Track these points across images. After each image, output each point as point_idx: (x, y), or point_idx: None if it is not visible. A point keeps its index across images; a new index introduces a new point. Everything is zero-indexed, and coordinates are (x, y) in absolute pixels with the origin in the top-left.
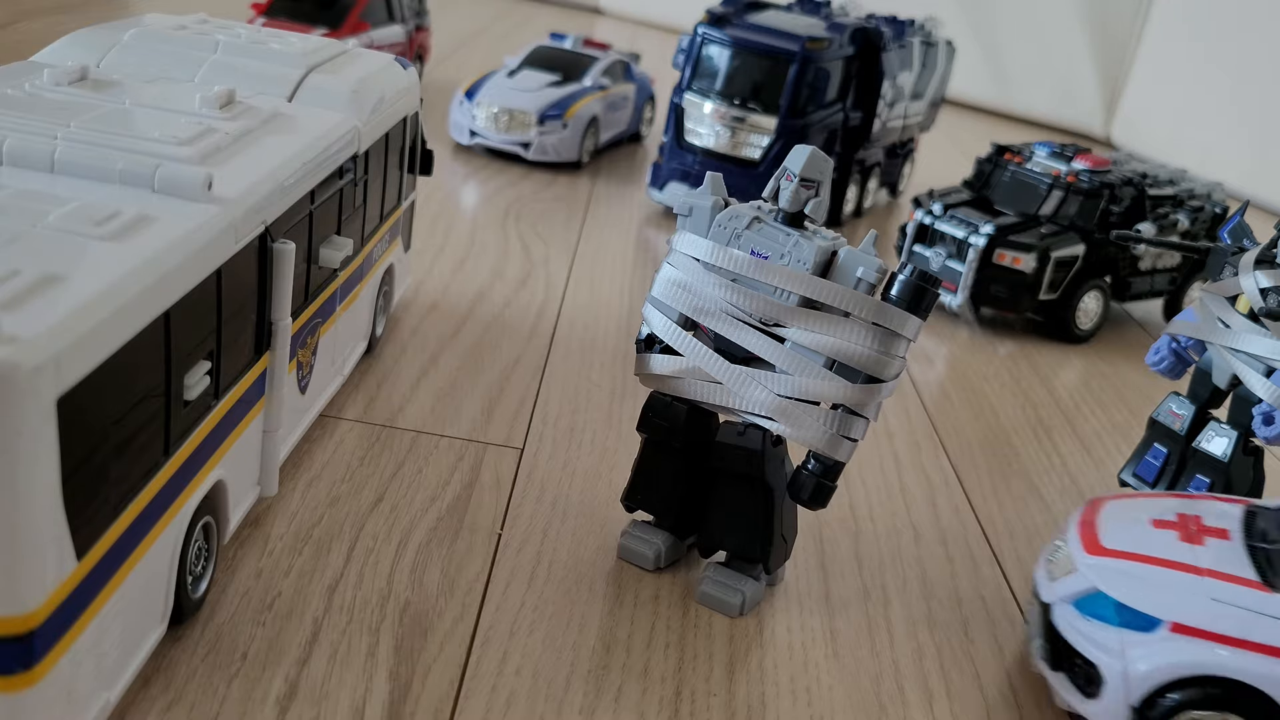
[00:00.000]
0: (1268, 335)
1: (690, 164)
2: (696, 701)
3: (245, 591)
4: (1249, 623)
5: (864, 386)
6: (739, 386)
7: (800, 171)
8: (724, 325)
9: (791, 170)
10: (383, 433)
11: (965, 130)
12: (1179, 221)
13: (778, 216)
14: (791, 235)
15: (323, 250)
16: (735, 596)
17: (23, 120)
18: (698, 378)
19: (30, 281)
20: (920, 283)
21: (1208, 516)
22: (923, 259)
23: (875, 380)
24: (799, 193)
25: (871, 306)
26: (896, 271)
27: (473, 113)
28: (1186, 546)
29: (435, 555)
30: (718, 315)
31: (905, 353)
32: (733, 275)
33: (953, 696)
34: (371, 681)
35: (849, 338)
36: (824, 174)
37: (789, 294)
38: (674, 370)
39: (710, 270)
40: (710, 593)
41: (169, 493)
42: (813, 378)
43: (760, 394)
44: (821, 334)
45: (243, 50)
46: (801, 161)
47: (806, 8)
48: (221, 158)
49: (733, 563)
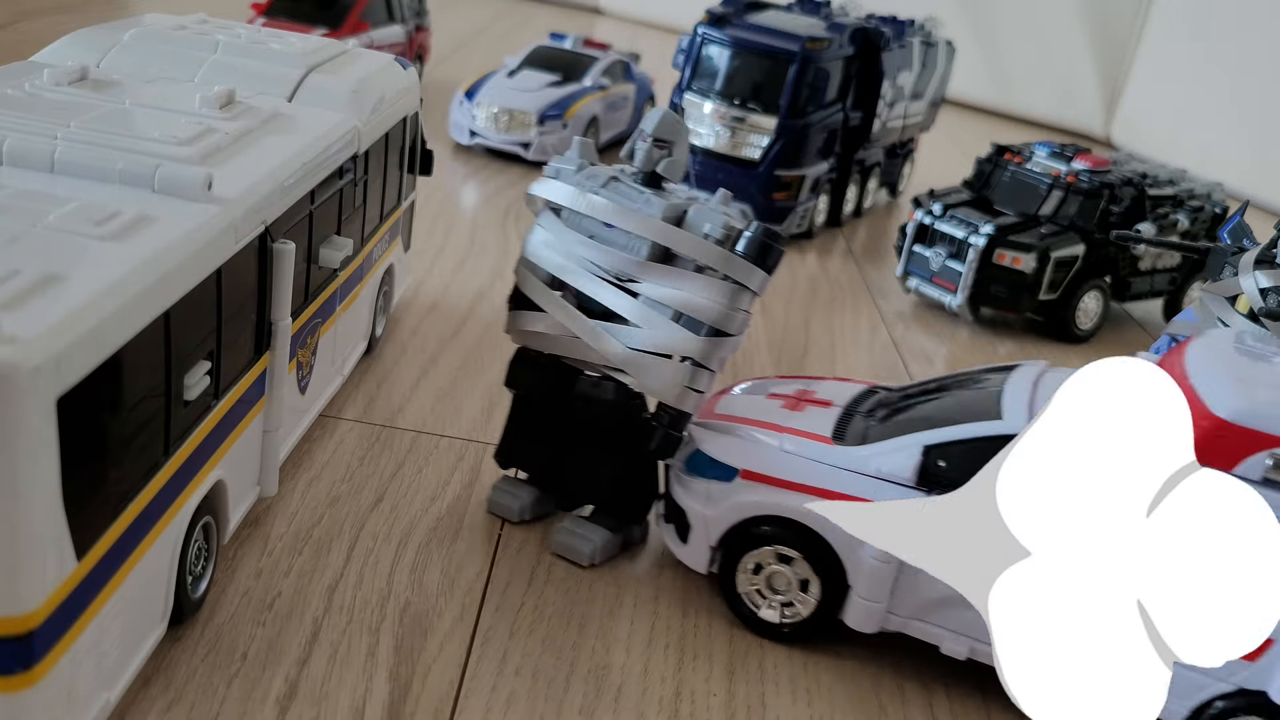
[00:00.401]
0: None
1: (690, 164)
2: (696, 701)
3: (245, 591)
4: (809, 470)
5: (709, 340)
6: (595, 340)
7: (653, 132)
8: (583, 281)
9: (645, 131)
10: (383, 433)
11: (965, 130)
12: (1179, 221)
13: (636, 177)
14: (645, 193)
15: (323, 250)
16: (587, 545)
17: (23, 120)
18: (560, 333)
19: (30, 281)
20: (766, 239)
21: (824, 392)
22: (923, 259)
23: (721, 334)
24: (652, 153)
25: (717, 257)
26: (744, 229)
27: (473, 113)
28: (784, 412)
29: (435, 555)
30: (577, 272)
31: (749, 307)
32: (590, 233)
33: (952, 696)
34: (371, 681)
35: (697, 291)
36: (676, 134)
37: (640, 248)
38: (539, 326)
39: (570, 229)
40: (562, 541)
41: (169, 493)
42: (661, 330)
43: (614, 347)
44: (671, 288)
45: (243, 50)
46: (654, 122)
47: (806, 8)
48: (221, 158)
49: (594, 515)
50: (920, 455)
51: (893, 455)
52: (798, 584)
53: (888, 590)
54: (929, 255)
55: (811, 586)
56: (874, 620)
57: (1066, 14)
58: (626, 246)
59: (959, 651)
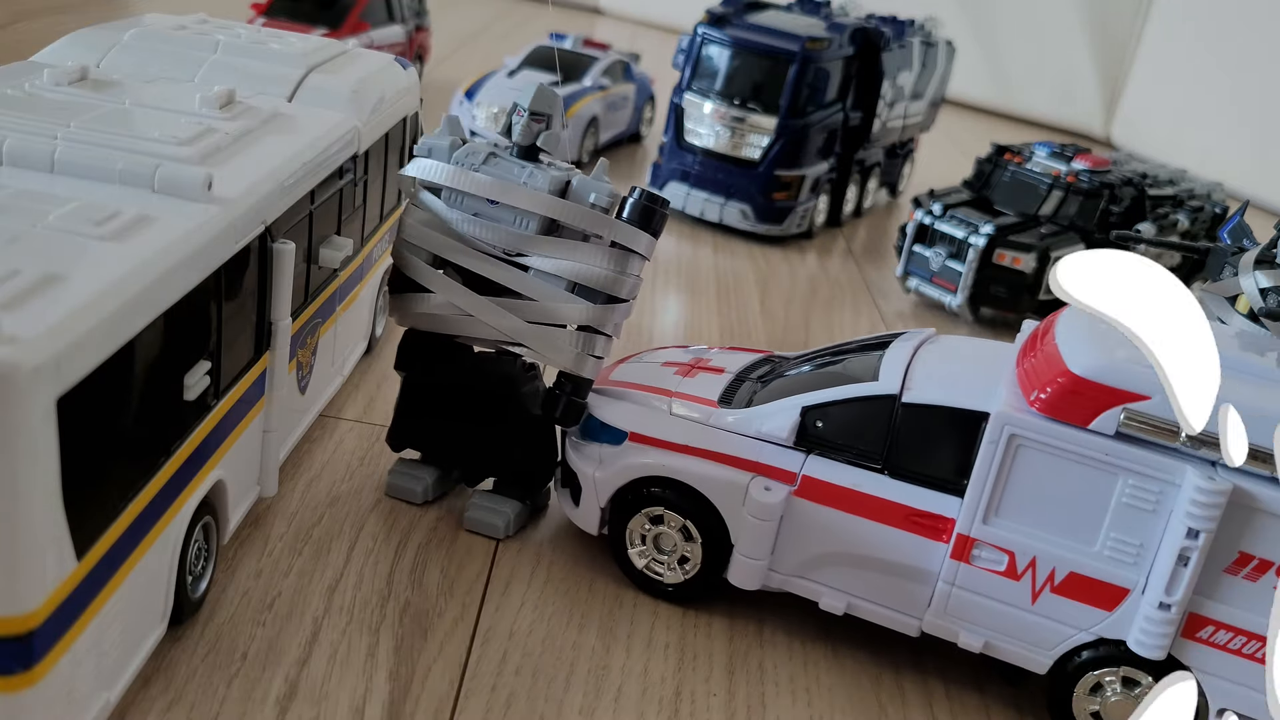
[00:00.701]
0: (1267, 335)
1: (690, 164)
2: (696, 702)
3: (245, 591)
4: (694, 432)
5: (604, 306)
6: (489, 316)
7: (530, 106)
8: (471, 260)
9: (521, 106)
10: (383, 433)
11: (965, 130)
12: (1179, 221)
13: (513, 152)
14: (526, 167)
15: (323, 250)
16: (499, 518)
17: (23, 120)
18: (450, 312)
19: (30, 281)
20: (648, 203)
21: (719, 360)
22: (923, 259)
23: (614, 299)
24: (530, 126)
25: (606, 224)
26: (626, 196)
27: (473, 113)
28: (677, 379)
29: (435, 555)
30: (464, 251)
31: (639, 271)
32: (474, 210)
33: (953, 696)
34: (371, 681)
35: (587, 260)
36: (553, 108)
37: (528, 223)
38: (428, 308)
39: (453, 208)
40: (475, 516)
41: (169, 493)
42: (556, 301)
43: (509, 322)
44: (561, 259)
45: (242, 50)
46: (530, 97)
47: (806, 8)
48: (221, 158)
49: (499, 488)
50: (798, 416)
51: (773, 417)
52: (681, 538)
53: (769, 548)
54: (929, 255)
55: (694, 547)
56: (756, 577)
57: (1066, 14)
58: (513, 222)
59: (836, 607)
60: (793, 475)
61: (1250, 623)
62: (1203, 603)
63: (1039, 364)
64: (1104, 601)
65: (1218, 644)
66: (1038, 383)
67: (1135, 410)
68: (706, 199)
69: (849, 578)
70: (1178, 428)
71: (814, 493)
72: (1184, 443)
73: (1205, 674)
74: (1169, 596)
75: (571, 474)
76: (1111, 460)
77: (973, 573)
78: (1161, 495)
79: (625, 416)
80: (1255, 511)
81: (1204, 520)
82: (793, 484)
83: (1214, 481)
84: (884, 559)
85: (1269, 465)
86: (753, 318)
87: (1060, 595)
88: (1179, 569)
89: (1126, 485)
